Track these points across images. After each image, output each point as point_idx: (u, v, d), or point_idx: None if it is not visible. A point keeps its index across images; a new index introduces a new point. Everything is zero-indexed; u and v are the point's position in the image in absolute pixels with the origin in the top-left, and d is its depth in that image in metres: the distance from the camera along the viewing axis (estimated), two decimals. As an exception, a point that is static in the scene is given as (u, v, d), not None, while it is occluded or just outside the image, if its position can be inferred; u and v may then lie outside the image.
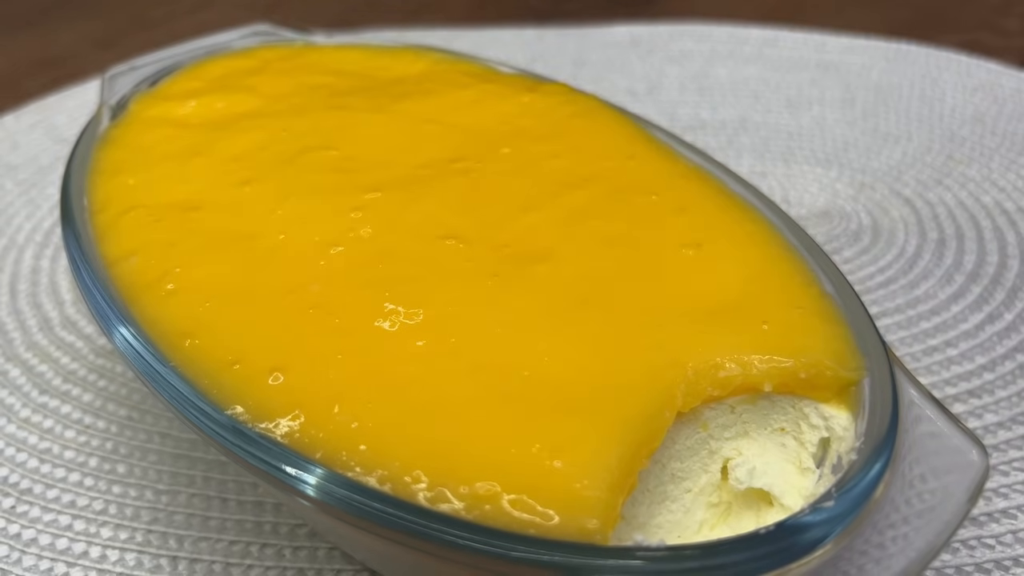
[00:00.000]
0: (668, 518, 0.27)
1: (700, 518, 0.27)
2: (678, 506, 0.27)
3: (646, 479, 0.27)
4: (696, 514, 0.27)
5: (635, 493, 0.26)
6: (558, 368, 0.24)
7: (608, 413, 0.23)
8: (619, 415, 0.23)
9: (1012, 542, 0.30)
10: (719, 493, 0.27)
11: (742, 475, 0.26)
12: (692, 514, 0.27)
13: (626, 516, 0.26)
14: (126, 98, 0.37)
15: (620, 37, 0.64)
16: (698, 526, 0.27)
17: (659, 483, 0.26)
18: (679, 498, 0.27)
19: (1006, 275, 0.41)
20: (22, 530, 0.32)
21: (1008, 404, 0.35)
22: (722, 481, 0.27)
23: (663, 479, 0.26)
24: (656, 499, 0.26)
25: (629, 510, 0.26)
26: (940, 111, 0.53)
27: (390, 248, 0.27)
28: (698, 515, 0.27)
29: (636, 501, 0.26)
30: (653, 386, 0.24)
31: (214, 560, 0.30)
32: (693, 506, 0.27)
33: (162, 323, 0.26)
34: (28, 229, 0.47)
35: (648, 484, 0.27)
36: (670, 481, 0.26)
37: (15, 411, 0.36)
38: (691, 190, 0.30)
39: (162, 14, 0.75)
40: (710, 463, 0.27)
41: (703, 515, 0.27)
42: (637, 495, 0.26)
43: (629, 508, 0.26)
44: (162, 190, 0.31)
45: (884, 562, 0.23)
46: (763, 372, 0.24)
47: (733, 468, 0.26)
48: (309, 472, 0.22)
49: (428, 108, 0.35)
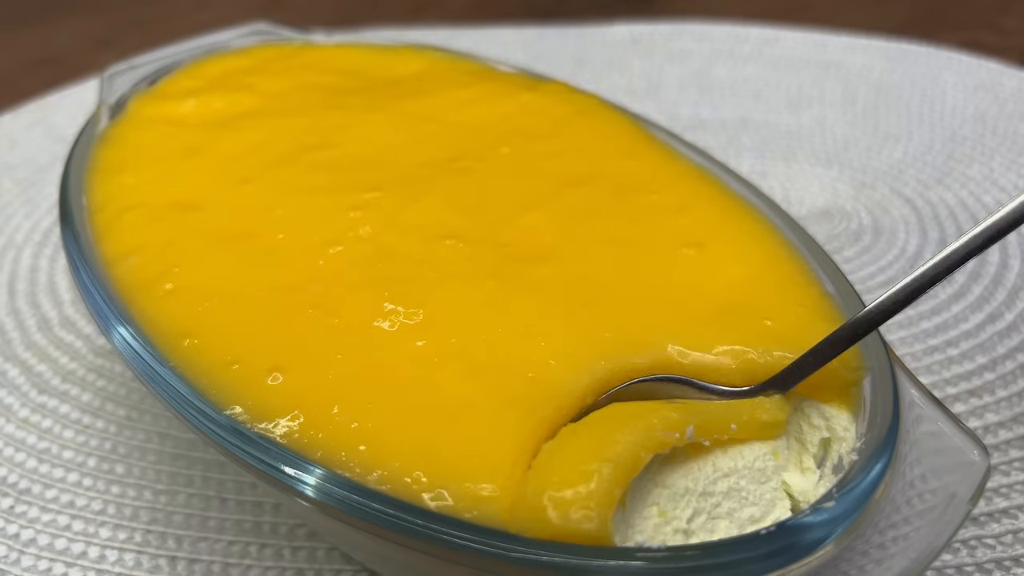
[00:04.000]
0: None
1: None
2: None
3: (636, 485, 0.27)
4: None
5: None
6: (559, 368, 0.24)
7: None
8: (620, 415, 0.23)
9: (1012, 542, 0.30)
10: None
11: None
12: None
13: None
14: (125, 97, 0.37)
15: (620, 36, 0.64)
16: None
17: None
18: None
19: (1007, 275, 0.41)
20: (21, 530, 0.32)
21: (1009, 404, 0.35)
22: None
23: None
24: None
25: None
26: (941, 110, 0.53)
27: (389, 248, 0.27)
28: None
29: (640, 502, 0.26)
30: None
31: (213, 560, 0.30)
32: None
33: (161, 323, 0.26)
34: (27, 228, 0.47)
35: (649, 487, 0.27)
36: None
37: (14, 411, 0.36)
38: (692, 189, 0.30)
39: (161, 13, 0.75)
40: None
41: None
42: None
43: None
44: (161, 189, 0.31)
45: (885, 562, 0.22)
46: (764, 370, 0.24)
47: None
48: (308, 473, 0.22)
49: (428, 107, 0.35)
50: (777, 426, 0.24)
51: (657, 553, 0.20)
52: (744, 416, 0.23)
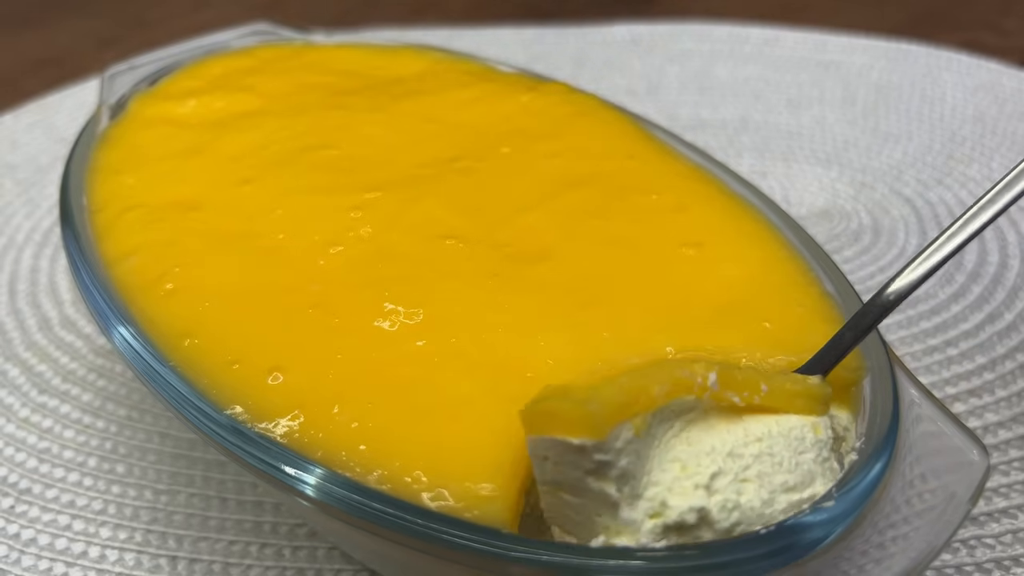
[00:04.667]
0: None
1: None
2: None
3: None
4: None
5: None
6: (558, 368, 0.24)
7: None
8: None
9: (1012, 542, 0.30)
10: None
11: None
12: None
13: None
14: (125, 97, 0.37)
15: (620, 36, 0.64)
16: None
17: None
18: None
19: (1007, 275, 0.41)
20: (21, 530, 0.32)
21: (1008, 404, 0.35)
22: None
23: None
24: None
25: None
26: (940, 111, 0.53)
27: (390, 248, 0.27)
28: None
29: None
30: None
31: (213, 560, 0.30)
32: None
33: (161, 323, 0.26)
34: (27, 229, 0.47)
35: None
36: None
37: (14, 411, 0.36)
38: (691, 190, 0.30)
39: (161, 13, 0.75)
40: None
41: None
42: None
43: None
44: (161, 189, 0.31)
45: (885, 562, 0.22)
46: (765, 369, 0.24)
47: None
48: (309, 472, 0.22)
49: (428, 107, 0.35)
50: (814, 400, 0.22)
51: (657, 552, 0.20)
52: (776, 381, 0.22)
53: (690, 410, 0.22)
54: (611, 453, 0.20)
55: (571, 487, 0.21)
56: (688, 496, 0.21)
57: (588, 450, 0.20)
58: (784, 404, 0.22)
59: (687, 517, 0.20)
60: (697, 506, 0.20)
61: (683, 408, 0.22)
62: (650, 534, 0.20)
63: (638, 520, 0.20)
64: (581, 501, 0.21)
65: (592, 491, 0.20)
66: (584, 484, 0.20)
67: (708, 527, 0.21)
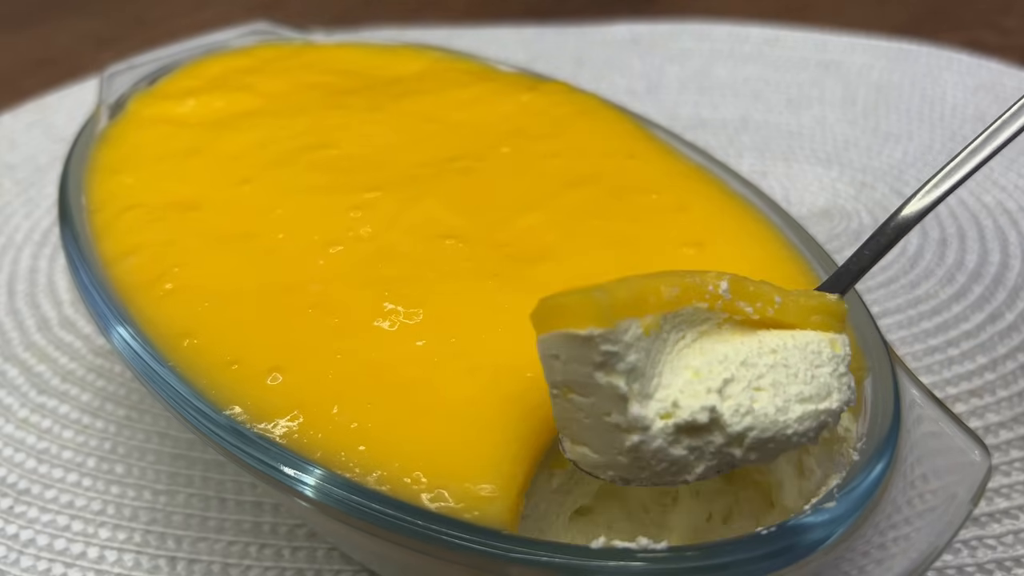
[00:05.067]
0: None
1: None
2: (679, 504, 0.27)
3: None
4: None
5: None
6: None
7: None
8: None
9: (1013, 542, 0.30)
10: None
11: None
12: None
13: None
14: (124, 97, 0.37)
15: (620, 36, 0.64)
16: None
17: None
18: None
19: (1008, 275, 0.41)
20: (20, 530, 0.31)
21: (1009, 404, 0.35)
22: (723, 482, 0.27)
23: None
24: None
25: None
26: (941, 110, 0.53)
27: (389, 247, 0.27)
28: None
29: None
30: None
31: (212, 561, 0.30)
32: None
33: (160, 323, 0.26)
34: (26, 228, 0.47)
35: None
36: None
37: (13, 411, 0.36)
38: (692, 189, 0.30)
39: (161, 13, 0.75)
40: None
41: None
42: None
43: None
44: (160, 189, 0.31)
45: (886, 563, 0.22)
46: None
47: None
48: (308, 473, 0.22)
49: (427, 107, 0.35)
50: (831, 316, 0.22)
51: (658, 553, 0.20)
52: (790, 295, 0.22)
53: (703, 322, 0.21)
54: (619, 345, 0.19)
55: (580, 386, 0.20)
56: (700, 398, 0.20)
57: (595, 340, 0.19)
58: (800, 319, 0.22)
59: (699, 417, 0.20)
60: (709, 405, 0.20)
61: (696, 319, 0.21)
62: (661, 435, 0.20)
63: (649, 418, 0.20)
64: (591, 401, 0.20)
65: (601, 387, 0.20)
66: (593, 380, 0.20)
67: (720, 431, 0.20)
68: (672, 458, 0.20)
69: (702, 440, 0.20)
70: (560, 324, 0.20)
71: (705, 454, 0.20)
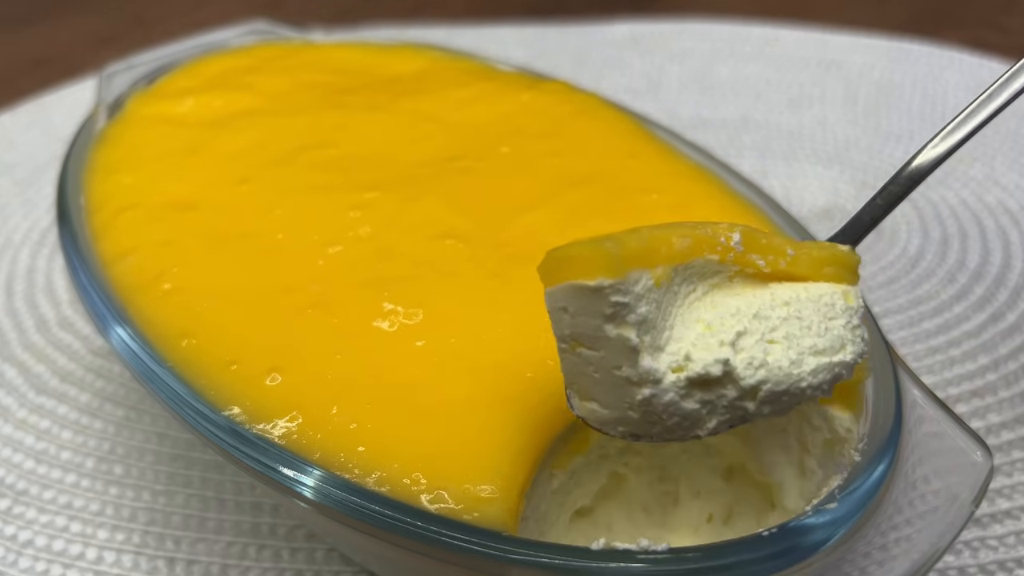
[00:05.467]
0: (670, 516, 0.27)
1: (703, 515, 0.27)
2: (680, 505, 0.27)
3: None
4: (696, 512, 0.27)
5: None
6: (557, 368, 0.23)
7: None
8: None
9: (1015, 543, 0.30)
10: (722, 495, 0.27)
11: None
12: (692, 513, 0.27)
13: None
14: (123, 96, 0.37)
15: (621, 35, 0.64)
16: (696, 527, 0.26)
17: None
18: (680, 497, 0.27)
19: (1009, 275, 0.41)
20: (19, 531, 0.31)
21: (1011, 404, 0.35)
22: (724, 483, 0.27)
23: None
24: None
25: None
26: (943, 109, 0.53)
27: (389, 247, 0.27)
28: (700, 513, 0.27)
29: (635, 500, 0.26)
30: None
31: (211, 562, 0.30)
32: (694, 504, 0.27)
33: (159, 323, 0.26)
34: (25, 228, 0.47)
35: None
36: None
37: (12, 412, 0.36)
38: (692, 189, 0.30)
39: (160, 12, 0.75)
40: (712, 463, 0.27)
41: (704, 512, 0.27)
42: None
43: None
44: (159, 189, 0.31)
45: (887, 564, 0.22)
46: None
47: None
48: (307, 474, 0.22)
49: (427, 106, 0.34)
50: (844, 267, 0.22)
51: (659, 555, 0.20)
52: (803, 247, 0.22)
53: (714, 274, 0.21)
54: (630, 296, 0.19)
55: (590, 339, 0.20)
56: (712, 351, 0.20)
57: (605, 291, 0.19)
58: (812, 272, 0.22)
59: (712, 369, 0.19)
60: (722, 358, 0.20)
61: (707, 271, 0.21)
62: (673, 388, 0.19)
63: (660, 371, 0.19)
64: (600, 354, 0.20)
65: (611, 340, 0.19)
66: (603, 333, 0.19)
67: (733, 384, 0.20)
68: (684, 412, 0.20)
69: (715, 394, 0.20)
70: (568, 276, 0.19)
71: (718, 408, 0.20)
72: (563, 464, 0.24)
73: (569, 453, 0.24)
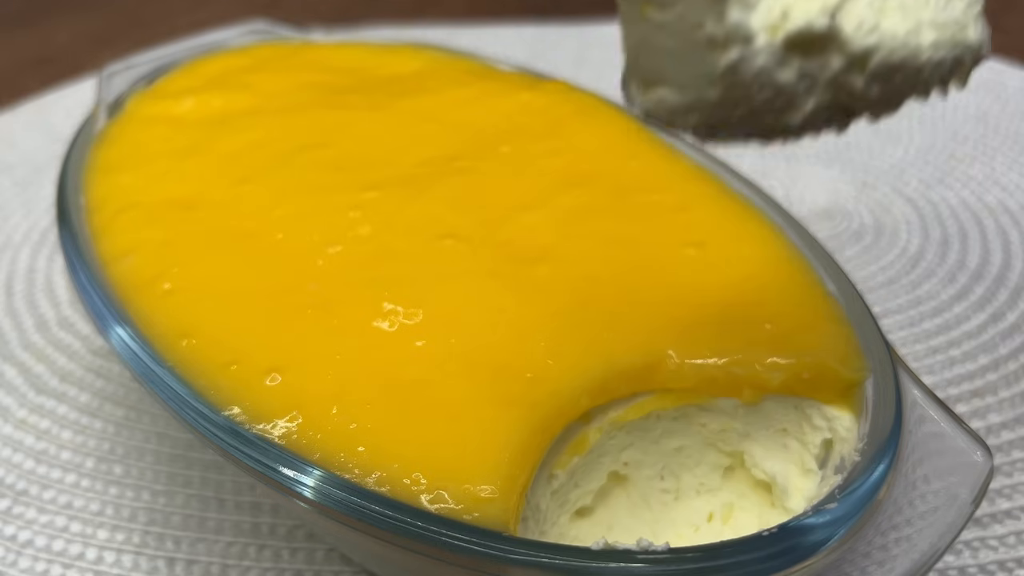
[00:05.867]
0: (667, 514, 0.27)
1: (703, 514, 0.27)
2: (680, 504, 0.27)
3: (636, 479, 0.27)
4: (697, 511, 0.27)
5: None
6: (557, 368, 0.24)
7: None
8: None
9: (1015, 543, 0.30)
10: (721, 494, 0.27)
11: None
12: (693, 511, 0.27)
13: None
14: (123, 96, 0.37)
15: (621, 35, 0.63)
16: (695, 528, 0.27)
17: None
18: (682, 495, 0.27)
19: (1009, 275, 0.41)
20: (18, 531, 0.31)
21: (1011, 404, 0.35)
22: (724, 482, 0.27)
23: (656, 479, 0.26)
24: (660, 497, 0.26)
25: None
26: (942, 109, 0.53)
27: (389, 247, 0.27)
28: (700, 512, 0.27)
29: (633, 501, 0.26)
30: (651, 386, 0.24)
31: (211, 562, 0.30)
32: (694, 503, 0.27)
33: (159, 323, 0.26)
34: (24, 228, 0.47)
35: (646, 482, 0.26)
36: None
37: (11, 412, 0.36)
38: (693, 189, 0.30)
39: (159, 12, 0.75)
40: (712, 461, 0.27)
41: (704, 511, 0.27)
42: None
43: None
44: (159, 189, 0.31)
45: (887, 564, 0.22)
46: (766, 371, 0.24)
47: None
48: (307, 474, 0.22)
49: (427, 106, 0.34)
50: None
51: (659, 555, 0.20)
52: None
53: None
54: None
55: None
56: (816, 4, 0.16)
57: None
58: None
59: (816, 23, 0.16)
60: (829, 7, 0.16)
61: None
62: (766, 53, 0.16)
63: (753, 30, 0.16)
64: (676, 11, 0.16)
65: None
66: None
67: (839, 50, 0.16)
68: (778, 85, 0.16)
69: (816, 63, 0.16)
70: None
71: (818, 84, 0.17)
72: (563, 464, 0.24)
73: (569, 453, 0.24)
